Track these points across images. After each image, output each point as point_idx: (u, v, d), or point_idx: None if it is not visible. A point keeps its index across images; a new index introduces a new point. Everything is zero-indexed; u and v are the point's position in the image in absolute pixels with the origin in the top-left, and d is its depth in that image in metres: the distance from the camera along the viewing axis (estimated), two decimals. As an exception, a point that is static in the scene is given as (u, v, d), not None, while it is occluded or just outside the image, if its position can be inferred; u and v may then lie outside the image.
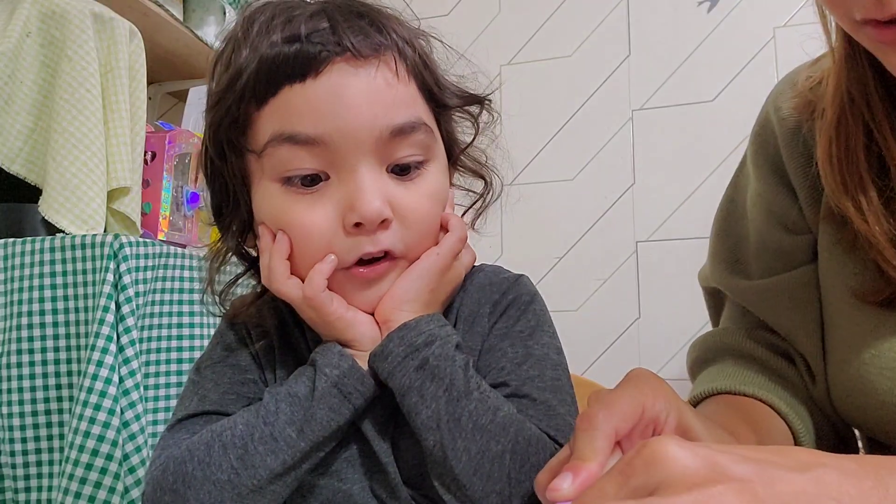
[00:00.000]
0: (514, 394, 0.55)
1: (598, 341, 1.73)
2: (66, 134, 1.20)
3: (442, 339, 0.54)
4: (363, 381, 0.54)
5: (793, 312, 0.64)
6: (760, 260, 0.67)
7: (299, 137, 0.53)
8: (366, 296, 0.56)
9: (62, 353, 1.09)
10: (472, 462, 0.50)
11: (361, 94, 0.53)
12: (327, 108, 0.52)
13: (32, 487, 1.07)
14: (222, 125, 0.56)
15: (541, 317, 0.62)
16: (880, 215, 0.53)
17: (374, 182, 0.53)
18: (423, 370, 0.52)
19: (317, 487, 0.56)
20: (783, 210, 0.65)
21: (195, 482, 0.52)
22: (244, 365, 0.61)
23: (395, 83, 0.54)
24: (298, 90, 0.53)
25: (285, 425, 0.53)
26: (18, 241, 1.13)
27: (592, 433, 0.40)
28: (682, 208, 1.72)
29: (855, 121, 0.55)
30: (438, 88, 0.59)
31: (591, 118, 1.81)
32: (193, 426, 0.57)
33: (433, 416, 0.51)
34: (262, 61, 0.53)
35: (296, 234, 0.55)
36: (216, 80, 0.57)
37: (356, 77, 0.53)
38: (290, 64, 0.52)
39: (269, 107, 0.54)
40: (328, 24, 0.53)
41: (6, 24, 1.23)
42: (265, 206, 0.57)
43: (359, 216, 0.53)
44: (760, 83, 1.69)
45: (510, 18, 1.90)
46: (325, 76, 0.52)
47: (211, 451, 0.53)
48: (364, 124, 0.53)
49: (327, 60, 0.52)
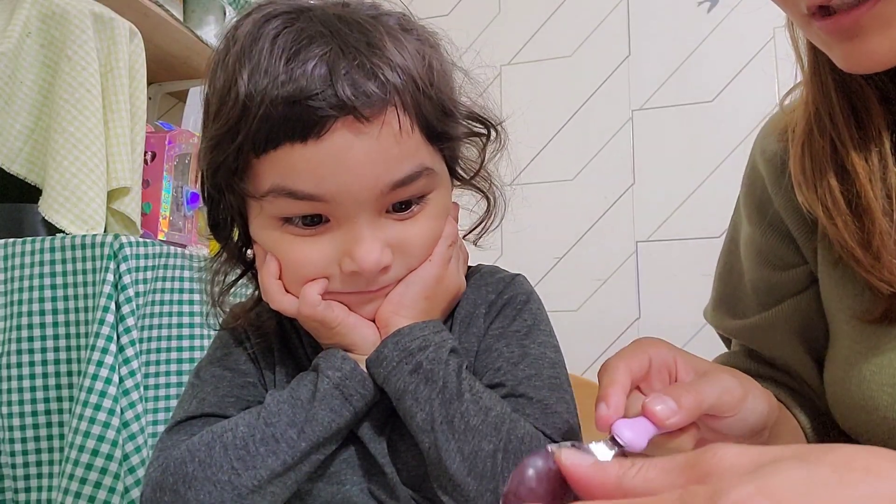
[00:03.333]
0: (511, 393, 0.56)
1: (598, 341, 1.73)
2: (66, 134, 1.20)
3: (436, 344, 0.54)
4: (364, 384, 0.55)
5: (786, 345, 0.66)
6: (755, 298, 0.69)
7: (299, 195, 0.52)
8: (366, 309, 0.57)
9: (62, 353, 1.09)
10: (465, 462, 0.50)
11: (364, 157, 0.51)
12: (328, 170, 0.51)
13: (32, 487, 1.07)
14: (220, 170, 0.55)
15: (537, 316, 0.62)
16: (847, 218, 0.54)
17: (372, 231, 0.53)
18: (416, 374, 0.53)
19: (315, 490, 0.56)
20: (772, 250, 0.66)
21: (196, 482, 0.52)
22: (243, 368, 0.61)
23: (399, 140, 0.52)
24: (299, 150, 0.51)
25: (287, 426, 0.53)
26: (18, 241, 1.13)
27: (612, 372, 0.46)
28: (682, 208, 1.72)
29: (821, 133, 0.56)
30: (443, 117, 0.56)
31: (591, 118, 1.82)
32: (192, 428, 0.57)
33: (427, 418, 0.52)
34: (263, 119, 0.51)
35: (287, 265, 0.55)
36: (213, 115, 0.55)
37: (358, 140, 0.51)
38: (292, 125, 0.51)
39: (269, 158, 0.52)
40: (328, 73, 0.50)
41: (6, 24, 1.23)
42: (261, 235, 0.56)
43: (357, 267, 0.53)
44: (760, 83, 1.69)
45: (510, 18, 1.90)
46: (328, 138, 0.51)
47: (212, 451, 0.53)
48: (366, 185, 0.52)
49: (329, 122, 0.50)
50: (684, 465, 0.31)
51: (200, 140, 0.57)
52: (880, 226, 0.52)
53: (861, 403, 0.57)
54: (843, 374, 0.59)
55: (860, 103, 0.55)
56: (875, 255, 0.53)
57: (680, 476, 0.30)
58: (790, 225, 0.64)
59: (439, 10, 1.95)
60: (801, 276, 0.65)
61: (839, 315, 0.61)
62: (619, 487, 0.31)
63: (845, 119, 0.55)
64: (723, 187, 0.79)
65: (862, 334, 0.57)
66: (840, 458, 0.29)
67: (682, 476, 0.30)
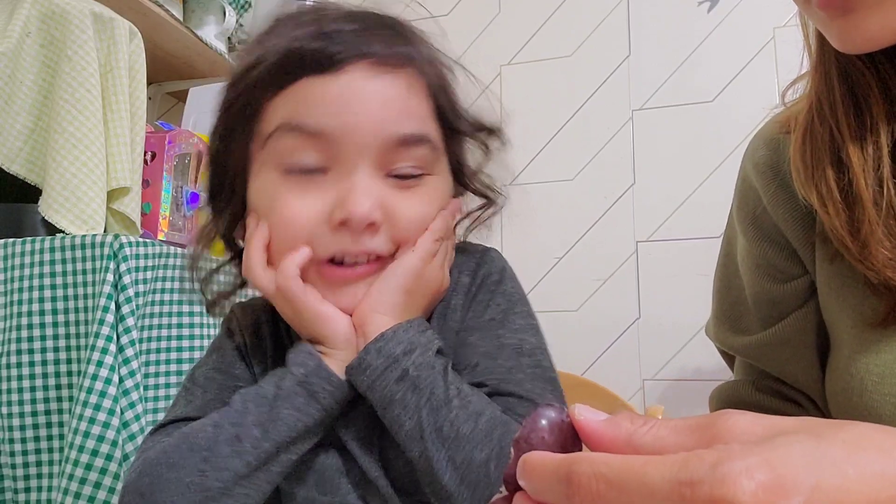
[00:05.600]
0: (496, 392, 0.54)
1: (598, 341, 1.73)
2: (66, 134, 1.20)
3: (422, 346, 0.53)
4: (331, 381, 0.53)
5: (794, 360, 0.65)
6: (758, 312, 0.68)
7: (306, 128, 0.53)
8: (342, 295, 0.55)
9: (62, 353, 1.09)
10: (457, 472, 0.49)
11: (375, 98, 0.53)
12: (339, 104, 0.52)
13: (32, 487, 1.07)
14: (234, 106, 0.56)
15: (511, 297, 0.60)
16: (839, 206, 0.55)
17: (369, 184, 0.53)
18: (403, 381, 0.51)
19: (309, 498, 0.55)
20: (769, 262, 0.66)
21: (165, 484, 0.51)
22: (237, 373, 0.60)
23: (411, 96, 0.54)
24: (315, 83, 0.53)
25: (251, 425, 0.52)
26: (18, 241, 1.13)
27: None
28: (682, 208, 1.72)
29: (822, 122, 0.56)
30: (454, 112, 0.59)
31: (591, 118, 1.81)
32: (175, 430, 0.56)
33: (416, 427, 0.50)
34: (285, 51, 0.53)
35: (278, 221, 0.54)
36: (238, 65, 0.57)
37: (373, 81, 0.53)
38: (313, 57, 0.52)
39: (282, 96, 0.54)
40: (357, 26, 0.53)
41: (6, 24, 1.23)
42: (258, 193, 0.56)
43: (347, 214, 0.52)
44: (760, 83, 1.69)
45: (510, 18, 1.90)
46: (344, 74, 0.53)
47: (179, 452, 0.52)
48: (371, 127, 0.53)
49: (348, 60, 0.52)
50: (696, 427, 0.30)
51: (221, 89, 0.58)
52: (869, 214, 0.52)
53: (864, 414, 0.56)
54: (845, 384, 0.58)
55: (861, 93, 0.55)
56: (863, 243, 0.53)
57: (690, 437, 0.30)
58: (786, 230, 0.64)
59: (439, 10, 1.94)
60: (803, 287, 0.65)
61: (840, 322, 0.60)
62: (629, 444, 0.31)
63: (845, 108, 0.55)
64: (723, 187, 0.79)
65: (862, 342, 0.57)
66: (853, 436, 0.28)
67: (692, 437, 0.30)
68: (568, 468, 0.29)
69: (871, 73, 0.54)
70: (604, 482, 0.28)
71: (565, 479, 0.29)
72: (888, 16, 0.47)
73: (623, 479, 0.28)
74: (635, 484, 0.27)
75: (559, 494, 0.29)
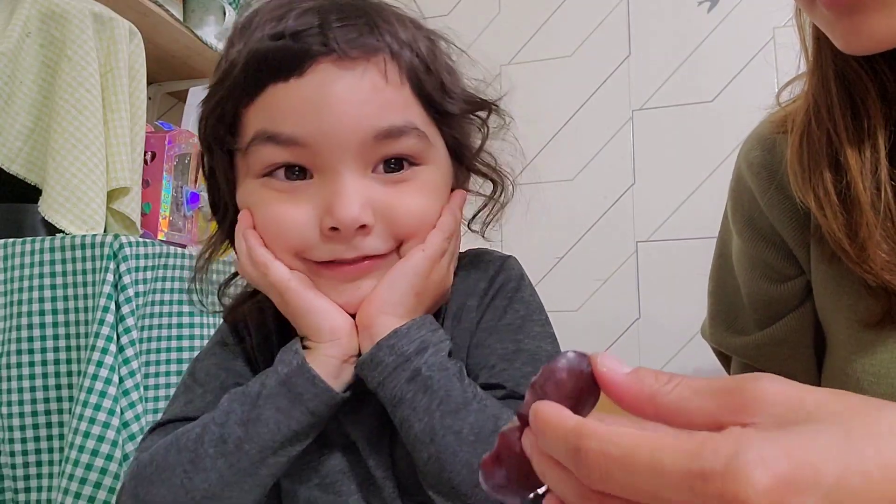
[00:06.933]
0: (512, 395, 0.53)
1: (598, 341, 1.73)
2: (66, 134, 1.20)
3: (435, 345, 0.51)
4: (314, 382, 0.51)
5: (790, 360, 0.66)
6: (754, 313, 0.68)
7: (280, 138, 0.51)
8: (344, 292, 0.53)
9: (62, 353, 1.09)
10: (474, 474, 0.47)
11: (345, 97, 0.50)
12: (309, 109, 0.50)
13: (32, 487, 1.07)
14: (210, 120, 0.55)
15: (530, 304, 0.59)
16: (836, 209, 0.54)
17: (355, 186, 0.51)
18: (414, 381, 0.50)
19: (312, 499, 0.55)
20: (765, 262, 0.66)
21: (153, 486, 0.51)
22: (239, 370, 0.59)
23: (384, 87, 0.52)
24: (282, 89, 0.51)
25: (235, 426, 0.50)
26: (18, 241, 1.13)
27: None
28: (682, 208, 1.72)
29: (819, 125, 0.56)
30: (441, 93, 0.56)
31: (591, 118, 1.81)
32: (172, 430, 0.55)
33: (426, 429, 0.49)
34: (249, 58, 0.51)
35: (270, 229, 0.53)
36: (213, 74, 0.56)
37: (341, 79, 0.51)
38: (275, 61, 0.50)
39: (255, 105, 0.52)
40: (318, 21, 0.51)
41: (6, 24, 1.23)
42: (245, 204, 0.55)
43: (335, 221, 0.50)
44: (760, 83, 1.69)
45: (510, 18, 1.90)
46: (310, 76, 0.50)
47: (168, 454, 0.51)
48: (346, 127, 0.51)
49: (312, 60, 0.50)
50: (722, 391, 0.29)
51: None
52: (867, 217, 0.52)
53: None
54: (841, 384, 0.58)
55: (858, 96, 0.54)
56: (861, 246, 0.53)
57: (713, 401, 0.29)
58: (781, 231, 0.64)
59: (439, 9, 1.94)
60: (799, 288, 0.64)
61: (836, 322, 0.60)
62: (652, 401, 0.30)
63: (842, 111, 0.55)
64: (723, 187, 0.78)
65: (859, 343, 0.57)
66: (887, 427, 0.26)
67: (716, 401, 0.29)
68: (577, 440, 0.28)
69: (868, 76, 0.54)
70: (613, 462, 0.27)
71: (574, 450, 0.28)
72: (894, 17, 0.46)
73: (632, 461, 0.27)
74: (645, 468, 0.26)
75: (568, 460, 0.29)
